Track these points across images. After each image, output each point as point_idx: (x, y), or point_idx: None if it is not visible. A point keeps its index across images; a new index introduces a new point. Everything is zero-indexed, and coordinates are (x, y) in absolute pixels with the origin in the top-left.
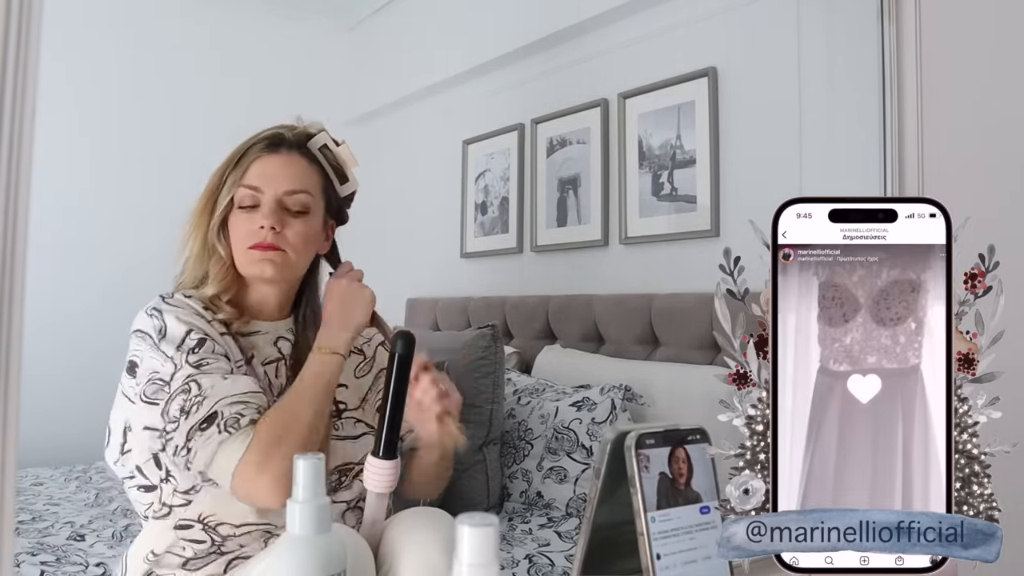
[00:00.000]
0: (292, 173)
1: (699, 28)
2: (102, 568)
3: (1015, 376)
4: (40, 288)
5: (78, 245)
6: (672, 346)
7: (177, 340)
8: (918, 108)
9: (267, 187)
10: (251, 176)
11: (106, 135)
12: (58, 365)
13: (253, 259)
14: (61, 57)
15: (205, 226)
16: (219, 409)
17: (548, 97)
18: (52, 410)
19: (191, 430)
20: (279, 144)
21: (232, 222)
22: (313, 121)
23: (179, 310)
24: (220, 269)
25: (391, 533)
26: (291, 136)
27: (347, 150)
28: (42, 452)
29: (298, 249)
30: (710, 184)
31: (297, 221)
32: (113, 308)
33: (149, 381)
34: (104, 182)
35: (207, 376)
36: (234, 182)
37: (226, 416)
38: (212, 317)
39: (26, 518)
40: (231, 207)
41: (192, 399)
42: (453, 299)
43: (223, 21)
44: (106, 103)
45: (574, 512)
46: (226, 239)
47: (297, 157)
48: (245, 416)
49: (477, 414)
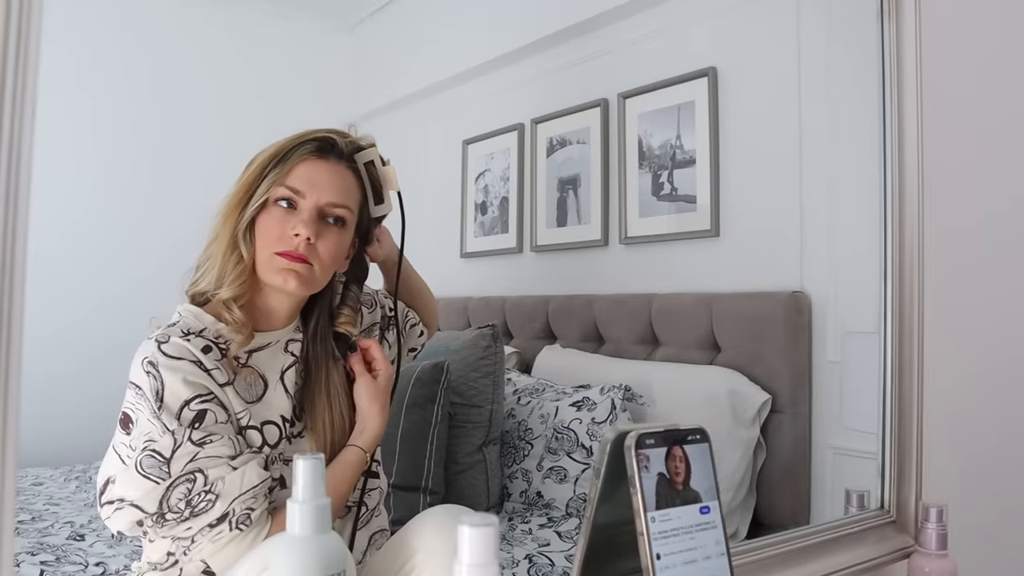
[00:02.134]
0: (338, 185)
1: (699, 28)
2: (102, 568)
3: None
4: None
5: (79, 246)
6: (672, 346)
7: (175, 410)
8: (918, 108)
9: (310, 193)
10: (295, 177)
11: (108, 138)
12: (59, 365)
13: (278, 266)
14: (61, 58)
15: (235, 221)
16: (232, 508)
17: (548, 97)
18: (52, 410)
19: (201, 529)
20: (330, 150)
21: (263, 221)
22: (365, 134)
23: (176, 363)
24: (240, 272)
25: (415, 528)
26: (342, 144)
27: (392, 172)
28: (42, 452)
29: (325, 265)
30: (710, 184)
31: (331, 235)
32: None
33: (145, 451)
34: (106, 184)
35: (214, 465)
36: (275, 179)
37: (238, 514)
38: (214, 360)
39: (26, 518)
40: (264, 206)
41: (201, 495)
42: (453, 299)
43: (223, 21)
44: (106, 106)
45: (574, 512)
46: (251, 239)
47: (344, 169)
48: (256, 510)
49: (477, 414)
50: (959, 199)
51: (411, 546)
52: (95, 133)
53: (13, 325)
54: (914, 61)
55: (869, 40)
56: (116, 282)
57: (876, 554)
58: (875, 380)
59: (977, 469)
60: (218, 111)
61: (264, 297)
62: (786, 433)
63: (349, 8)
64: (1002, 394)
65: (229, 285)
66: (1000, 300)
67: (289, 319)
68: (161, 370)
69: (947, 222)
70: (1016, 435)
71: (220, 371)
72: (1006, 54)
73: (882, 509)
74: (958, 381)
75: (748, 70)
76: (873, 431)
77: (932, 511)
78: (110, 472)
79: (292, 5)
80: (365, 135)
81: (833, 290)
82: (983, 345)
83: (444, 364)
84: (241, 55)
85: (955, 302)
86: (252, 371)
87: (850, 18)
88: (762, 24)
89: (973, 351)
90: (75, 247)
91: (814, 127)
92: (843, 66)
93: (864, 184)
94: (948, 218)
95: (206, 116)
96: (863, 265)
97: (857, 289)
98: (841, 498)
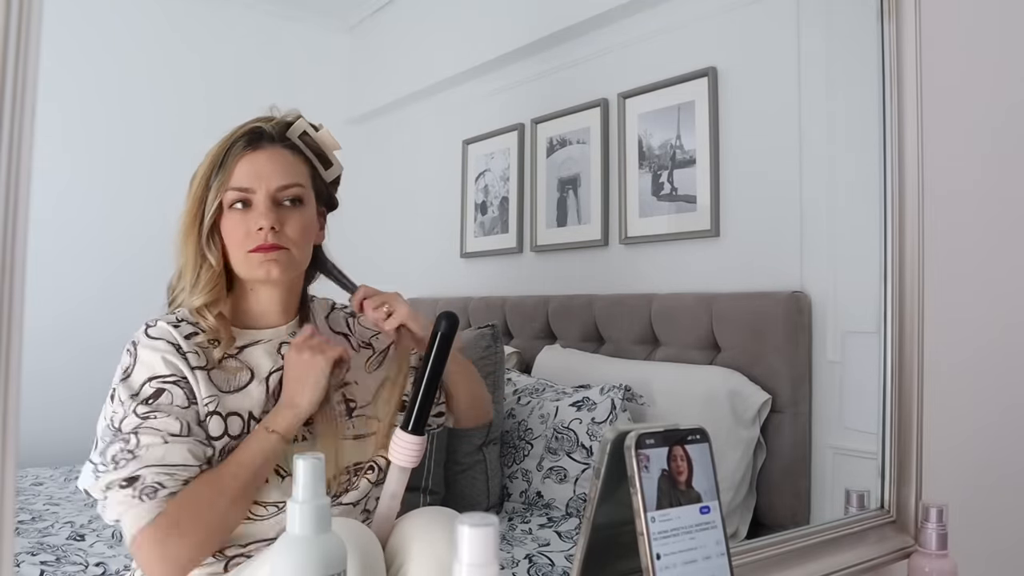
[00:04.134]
0: (280, 168)
1: (699, 28)
2: (102, 568)
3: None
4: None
5: (80, 246)
6: (672, 346)
7: (135, 387)
8: (918, 108)
9: (258, 186)
10: (238, 177)
11: (107, 135)
12: (59, 365)
13: (256, 262)
14: (62, 59)
15: (196, 234)
16: (143, 474)
17: (548, 97)
18: (52, 410)
19: (112, 483)
20: (259, 138)
21: (225, 226)
22: (288, 109)
23: (155, 343)
24: (210, 278)
25: (401, 531)
26: (270, 128)
27: (327, 134)
28: (42, 452)
29: (299, 244)
30: (710, 184)
31: (294, 215)
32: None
33: (106, 422)
34: (106, 181)
35: (148, 434)
36: (220, 185)
37: (147, 482)
38: (194, 344)
39: (26, 518)
40: (221, 211)
41: (124, 453)
42: (453, 299)
43: (223, 21)
44: (106, 104)
45: (574, 512)
46: (216, 246)
47: (280, 150)
48: (165, 488)
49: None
50: (959, 199)
51: (392, 548)
52: (97, 133)
53: (13, 326)
54: (914, 61)
55: (869, 40)
56: (117, 283)
57: (876, 554)
58: (875, 380)
59: (977, 469)
60: (218, 111)
61: (251, 297)
62: (786, 433)
63: (349, 8)
64: (1002, 394)
65: (201, 292)
66: (1000, 300)
67: (284, 316)
68: (139, 349)
69: (947, 222)
70: (1016, 435)
71: (197, 355)
72: (1006, 54)
73: (882, 509)
74: (958, 381)
75: (748, 70)
76: (873, 431)
77: (932, 511)
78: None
79: (292, 5)
80: (288, 110)
81: (833, 290)
82: (983, 345)
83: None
84: (241, 55)
85: (955, 302)
86: (241, 365)
87: (850, 18)
88: (762, 24)
89: (973, 351)
90: (76, 247)
91: (814, 127)
92: (843, 66)
93: (864, 184)
94: (948, 218)
95: (206, 116)
96: (863, 265)
97: (857, 289)
98: (841, 498)
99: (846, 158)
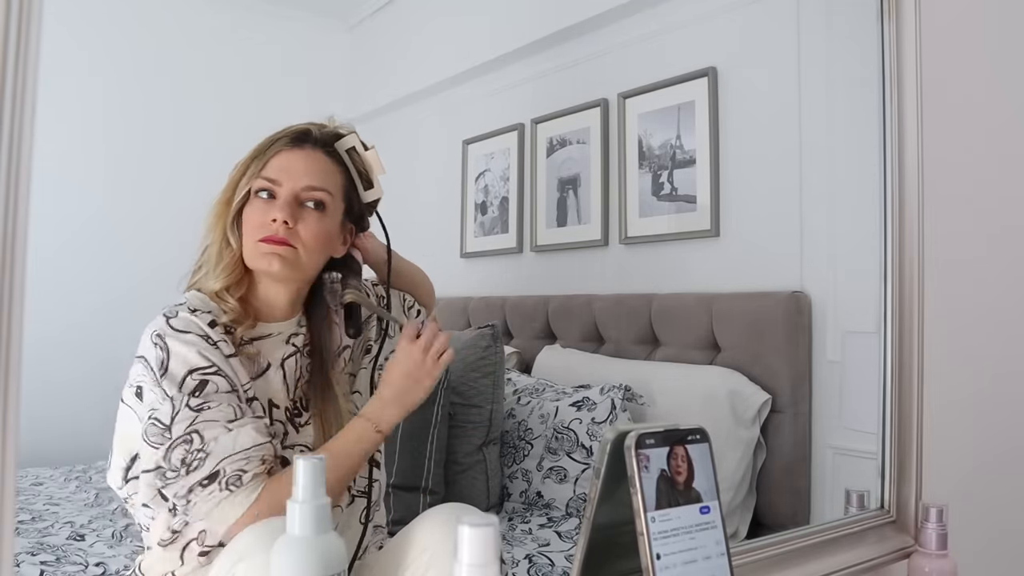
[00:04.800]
0: (313, 169)
1: (699, 28)
2: (102, 568)
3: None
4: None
5: (80, 246)
6: (672, 346)
7: (178, 379)
8: (918, 108)
9: (285, 180)
10: (271, 168)
11: (111, 138)
12: (59, 365)
13: (261, 252)
14: (62, 55)
15: (225, 216)
16: (222, 467)
17: (548, 97)
18: (52, 410)
19: (193, 486)
20: (304, 140)
21: (247, 213)
22: (345, 123)
23: (184, 336)
24: (230, 262)
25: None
26: (318, 133)
27: (375, 156)
28: (42, 452)
29: (310, 247)
30: (710, 184)
31: (311, 217)
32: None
33: (150, 420)
34: (106, 186)
35: (209, 427)
36: (254, 173)
37: (228, 474)
38: (220, 333)
39: (26, 518)
40: (247, 198)
41: (194, 453)
42: (453, 299)
43: (223, 21)
44: (108, 108)
45: (574, 512)
46: (239, 231)
47: (320, 155)
48: (248, 472)
49: (477, 414)
50: (959, 199)
51: (420, 543)
52: (101, 136)
53: (13, 325)
54: (914, 61)
55: (869, 40)
56: (117, 283)
57: (876, 554)
58: (875, 380)
59: (977, 469)
60: (218, 111)
61: (260, 288)
62: (786, 433)
63: (349, 8)
64: (1002, 394)
65: (219, 275)
66: (1000, 300)
67: (290, 312)
68: (168, 340)
69: (947, 222)
70: (1016, 435)
71: (226, 343)
72: (1006, 54)
73: (882, 509)
74: (958, 381)
75: (748, 70)
76: (873, 431)
77: (932, 511)
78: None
79: (292, 5)
80: (344, 123)
81: (833, 290)
82: (983, 345)
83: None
84: (241, 55)
85: (955, 302)
86: (256, 351)
87: (850, 18)
88: (762, 24)
89: (973, 351)
90: (76, 248)
91: (814, 127)
92: (843, 66)
93: (864, 184)
94: (948, 218)
95: (205, 117)
96: (863, 265)
97: (857, 289)
98: (841, 498)
99: (846, 158)
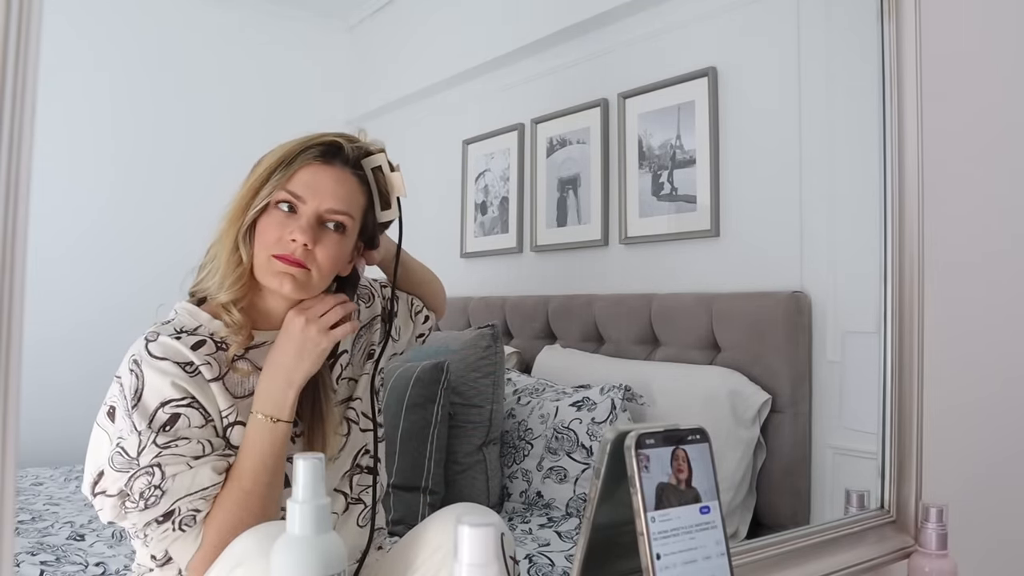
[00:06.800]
0: (341, 192)
1: (699, 28)
2: (102, 568)
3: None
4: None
5: (81, 248)
6: (672, 346)
7: (149, 412)
8: (918, 108)
9: (311, 199)
10: (296, 182)
11: (113, 142)
12: (59, 365)
13: (275, 269)
14: (64, 62)
15: (238, 222)
16: (177, 506)
17: (548, 97)
18: (52, 410)
19: (149, 522)
20: (334, 156)
21: (263, 224)
22: (375, 139)
23: (160, 364)
24: (239, 275)
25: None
26: (349, 150)
27: (399, 178)
28: (42, 452)
29: (323, 270)
30: (710, 184)
31: (331, 241)
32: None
33: (117, 447)
34: (108, 189)
35: (172, 463)
36: (278, 183)
37: (183, 513)
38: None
39: (26, 518)
40: (265, 208)
41: (152, 490)
42: (453, 299)
43: (223, 21)
44: (109, 111)
45: (574, 512)
46: (250, 242)
47: (348, 175)
48: (202, 512)
49: (477, 414)
50: (959, 199)
51: (432, 543)
52: (103, 140)
53: (13, 325)
54: (914, 61)
55: (869, 40)
56: (117, 284)
57: (876, 554)
58: (875, 380)
59: (977, 469)
60: (218, 111)
61: (263, 298)
62: (786, 433)
63: (349, 8)
64: (1002, 394)
65: (228, 288)
66: (1000, 300)
67: (282, 319)
68: (144, 368)
69: (947, 222)
70: (1016, 435)
71: (210, 366)
72: (1006, 54)
73: (882, 509)
74: (958, 381)
75: (748, 70)
76: (873, 431)
77: (932, 511)
78: (99, 465)
79: (292, 5)
80: (375, 140)
81: (833, 290)
82: (983, 345)
83: (444, 364)
84: (241, 55)
85: (955, 302)
86: (247, 365)
87: (850, 18)
88: (762, 24)
89: (973, 351)
90: (77, 249)
91: (814, 127)
92: (843, 66)
93: (864, 184)
94: (948, 218)
95: (206, 117)
96: (863, 265)
97: (857, 289)
98: (841, 498)
99: (846, 158)
